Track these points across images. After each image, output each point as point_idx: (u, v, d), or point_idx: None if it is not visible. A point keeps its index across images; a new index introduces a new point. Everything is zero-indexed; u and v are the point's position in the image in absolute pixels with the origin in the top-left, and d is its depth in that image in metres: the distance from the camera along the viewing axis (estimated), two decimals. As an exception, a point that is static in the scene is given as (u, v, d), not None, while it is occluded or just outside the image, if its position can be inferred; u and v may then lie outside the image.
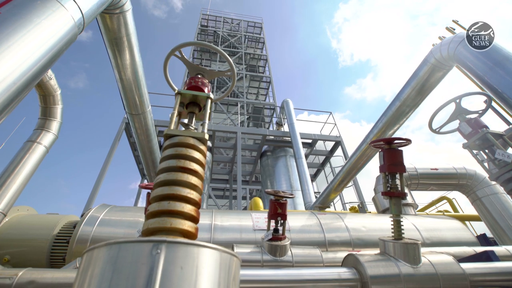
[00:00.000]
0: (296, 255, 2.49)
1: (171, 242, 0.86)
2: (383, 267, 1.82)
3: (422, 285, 1.80)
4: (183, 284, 0.83)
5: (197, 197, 1.23)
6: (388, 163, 2.12)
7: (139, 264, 0.80)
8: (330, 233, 3.32)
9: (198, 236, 3.19)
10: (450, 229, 3.68)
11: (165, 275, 0.80)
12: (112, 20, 3.08)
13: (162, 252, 0.83)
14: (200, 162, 1.33)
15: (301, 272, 1.78)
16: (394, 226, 2.08)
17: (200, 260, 0.92)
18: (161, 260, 0.81)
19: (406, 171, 4.51)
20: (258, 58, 18.86)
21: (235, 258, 1.10)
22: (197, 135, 1.37)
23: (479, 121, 2.22)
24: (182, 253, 0.86)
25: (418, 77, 4.03)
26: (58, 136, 3.15)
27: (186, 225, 1.10)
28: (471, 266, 2.06)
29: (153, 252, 0.83)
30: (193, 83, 1.69)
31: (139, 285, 0.77)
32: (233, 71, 1.88)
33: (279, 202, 2.50)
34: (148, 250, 0.83)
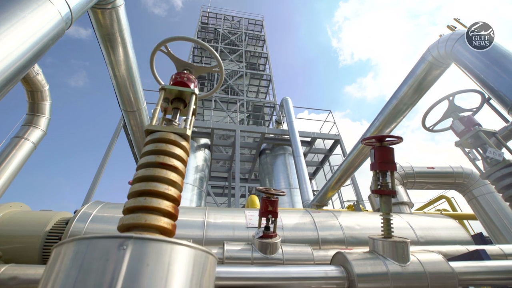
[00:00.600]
0: (287, 253, 2.48)
1: (139, 238, 0.84)
2: (371, 265, 1.81)
3: (410, 283, 1.78)
4: (150, 281, 0.81)
5: (176, 193, 1.21)
6: (379, 161, 2.10)
7: (103, 261, 0.79)
8: (324, 231, 3.30)
9: (190, 233, 3.17)
10: (444, 228, 3.66)
11: (130, 271, 0.79)
12: (104, 16, 3.05)
13: (128, 249, 0.82)
14: (181, 158, 1.31)
15: (287, 270, 1.76)
16: (384, 224, 2.06)
17: (171, 257, 0.90)
18: (127, 257, 0.80)
19: (403, 170, 4.49)
20: (259, 56, 18.79)
21: (211, 256, 1.09)
22: (178, 130, 1.35)
23: (472, 119, 2.19)
24: (150, 250, 0.85)
25: (416, 75, 3.99)
26: (46, 132, 3.13)
27: (162, 221, 1.09)
28: (461, 265, 2.04)
29: (119, 249, 0.81)
30: (179, 78, 1.67)
31: (102, 281, 0.76)
32: (220, 67, 1.86)
33: (270, 200, 2.48)
34: (114, 246, 0.82)
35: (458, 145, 2.16)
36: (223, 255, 2.38)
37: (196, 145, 9.24)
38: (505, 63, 2.85)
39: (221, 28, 18.21)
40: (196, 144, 9.25)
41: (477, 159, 2.07)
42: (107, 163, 7.56)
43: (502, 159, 1.85)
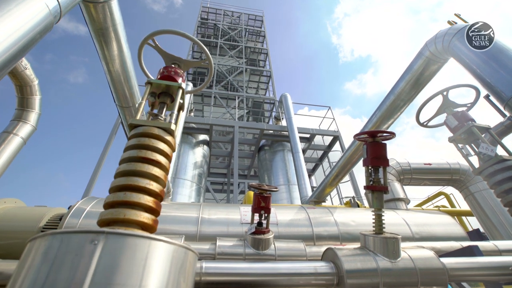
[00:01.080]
0: (279, 249, 2.47)
1: (111, 233, 0.83)
2: (361, 261, 1.79)
3: (399, 279, 1.77)
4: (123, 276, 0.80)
5: (158, 188, 1.20)
6: (371, 157, 2.07)
7: (73, 256, 0.78)
8: (319, 227, 3.30)
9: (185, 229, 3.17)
10: (440, 224, 3.65)
11: (101, 267, 0.77)
12: (96, 10, 3.01)
13: (99, 244, 0.80)
14: (164, 153, 1.29)
15: (276, 266, 1.75)
16: (375, 220, 2.04)
17: (147, 253, 0.89)
18: (97, 252, 0.79)
19: (400, 166, 4.46)
20: (259, 52, 18.68)
21: (191, 252, 1.07)
22: (162, 125, 1.33)
23: (465, 114, 2.16)
24: (123, 245, 0.83)
25: (413, 70, 3.95)
26: (37, 127, 3.12)
27: (142, 216, 1.08)
28: (452, 261, 2.03)
29: (90, 244, 0.80)
30: (166, 72, 1.65)
31: (71, 276, 0.75)
32: (209, 61, 1.83)
33: (262, 196, 2.47)
34: (86, 241, 0.81)
35: (451, 140, 2.14)
36: (215, 250, 2.37)
37: (194, 141, 9.23)
38: (502, 58, 2.81)
39: (221, 24, 18.09)
40: (194, 141, 9.23)
41: (470, 155, 2.05)
42: (105, 159, 7.57)
43: (495, 155, 1.82)
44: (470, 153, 2.04)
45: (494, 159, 1.81)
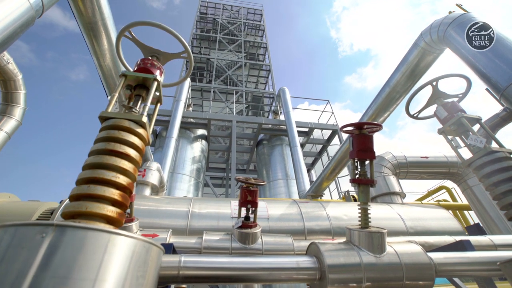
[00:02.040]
0: (267, 243, 2.45)
1: (61, 225, 0.80)
2: (344, 256, 1.76)
3: (384, 274, 1.74)
4: (73, 269, 0.78)
5: (126, 181, 1.17)
6: (357, 149, 2.03)
7: (19, 248, 0.75)
8: (310, 222, 3.27)
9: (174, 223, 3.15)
10: (436, 219, 3.61)
11: (47, 260, 0.75)
12: (84, 4, 2.97)
13: (47, 237, 0.78)
14: (134, 146, 1.26)
15: (256, 260, 1.73)
16: (361, 215, 2.01)
17: (102, 246, 0.86)
18: (44, 245, 0.76)
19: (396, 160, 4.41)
20: (258, 46, 18.51)
21: (155, 247, 1.05)
22: (133, 117, 1.30)
23: (455, 105, 2.09)
24: (73, 238, 0.81)
25: (408, 61, 3.88)
26: (22, 122, 3.10)
27: (105, 209, 1.05)
28: (440, 256, 1.99)
29: (38, 236, 0.78)
30: (142, 64, 1.61)
31: (16, 269, 0.72)
32: (188, 52, 1.79)
33: (249, 190, 2.44)
34: (34, 234, 0.78)
35: (440, 132, 2.08)
36: (201, 245, 2.36)
37: (192, 136, 9.21)
38: (498, 47, 2.73)
39: (219, 18, 17.91)
40: (192, 135, 9.22)
41: (460, 147, 1.99)
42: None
43: (484, 146, 1.77)
44: (460, 145, 1.98)
45: (483, 150, 1.76)
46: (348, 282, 1.68)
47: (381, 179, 4.17)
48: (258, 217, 3.26)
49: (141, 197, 3.42)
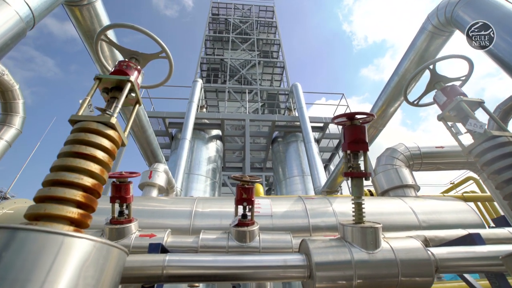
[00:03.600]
0: (264, 241, 2.41)
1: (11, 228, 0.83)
2: (334, 253, 1.69)
3: (377, 271, 1.65)
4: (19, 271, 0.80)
5: (90, 182, 1.18)
6: (349, 141, 1.93)
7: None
8: (315, 218, 3.17)
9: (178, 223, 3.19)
10: (452, 212, 3.37)
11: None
12: (82, 13, 3.09)
13: (-7, 239, 0.80)
14: (102, 147, 1.28)
15: (241, 258, 1.70)
16: (355, 209, 1.92)
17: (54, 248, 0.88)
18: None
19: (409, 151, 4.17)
20: (271, 43, 18.37)
21: (116, 249, 1.05)
22: (101, 119, 1.32)
23: (455, 89, 1.91)
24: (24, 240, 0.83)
25: (416, 47, 3.66)
26: (22, 131, 3.28)
27: (65, 211, 1.07)
28: (443, 251, 1.85)
29: (-22, 239, 0.80)
30: (118, 67, 1.63)
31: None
32: (166, 52, 1.79)
33: (244, 187, 2.41)
34: (-24, 236, 0.81)
35: (440, 119, 1.91)
36: (198, 244, 2.37)
37: (207, 136, 9.33)
38: (509, 23, 2.48)
39: (231, 18, 17.98)
40: (207, 136, 9.34)
41: (460, 133, 1.83)
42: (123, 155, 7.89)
43: (484, 131, 1.60)
44: (460, 131, 1.82)
45: (483, 136, 1.60)
46: (337, 280, 1.61)
47: (393, 172, 3.96)
48: (262, 215, 3.23)
49: (147, 198, 3.50)
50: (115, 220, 2.38)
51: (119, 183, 2.35)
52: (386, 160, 4.20)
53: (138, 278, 1.56)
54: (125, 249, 1.10)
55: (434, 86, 2.07)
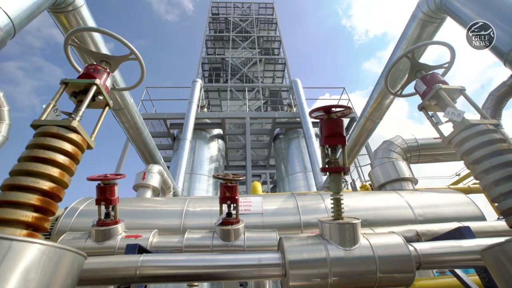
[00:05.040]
0: (249, 239, 2.39)
1: None
2: (309, 251, 1.66)
3: (353, 269, 1.61)
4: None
5: (48, 186, 1.18)
6: (326, 135, 1.89)
7: None
8: (307, 215, 3.14)
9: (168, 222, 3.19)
10: (450, 205, 3.28)
11: None
12: (68, 19, 3.11)
13: None
14: (62, 151, 1.28)
15: (216, 258, 1.69)
16: (334, 205, 1.87)
17: None
18: None
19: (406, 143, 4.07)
20: (272, 40, 18.24)
21: (71, 253, 1.05)
22: (61, 123, 1.32)
23: (435, 77, 1.83)
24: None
25: (408, 36, 3.56)
26: (8, 137, 3.34)
27: (19, 214, 1.07)
28: (427, 246, 1.80)
29: None
30: (85, 70, 1.63)
31: None
32: (135, 54, 1.78)
33: (227, 186, 2.39)
34: None
35: (420, 108, 1.84)
36: (182, 243, 2.37)
37: (208, 136, 9.36)
38: (497, 5, 2.38)
39: (231, 17, 17.93)
40: (208, 135, 9.36)
41: (441, 123, 1.75)
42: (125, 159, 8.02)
43: (462, 119, 1.53)
44: (441, 121, 1.75)
45: (462, 124, 1.53)
46: (311, 278, 1.58)
47: (390, 165, 3.87)
48: (253, 213, 3.21)
49: (139, 199, 3.53)
50: (101, 222, 2.40)
51: (104, 185, 2.37)
52: (383, 153, 4.12)
53: (111, 280, 1.57)
54: (82, 252, 1.10)
55: (416, 75, 2.00)
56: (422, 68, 1.98)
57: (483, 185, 1.47)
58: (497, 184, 1.39)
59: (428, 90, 1.80)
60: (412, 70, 2.03)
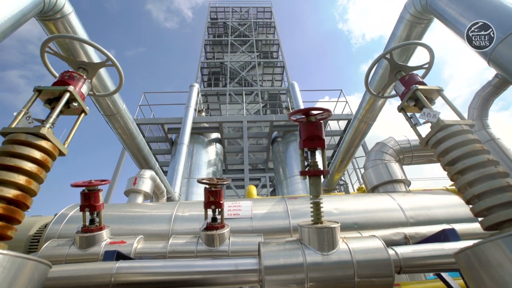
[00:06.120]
0: (234, 244, 2.38)
1: None
2: (285, 256, 1.64)
3: (331, 274, 1.58)
4: None
5: (13, 193, 1.18)
6: (305, 138, 1.87)
7: None
8: (297, 219, 3.11)
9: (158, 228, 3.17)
10: (443, 206, 3.24)
11: None
12: (56, 26, 3.13)
13: None
14: (30, 158, 1.28)
15: (192, 263, 1.67)
16: (313, 209, 1.85)
17: None
18: None
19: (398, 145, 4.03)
20: (271, 43, 18.31)
21: (32, 261, 1.05)
22: (30, 130, 1.32)
23: (412, 78, 1.81)
24: None
25: (396, 37, 3.55)
26: None
27: (-21, 223, 1.07)
28: (409, 250, 1.77)
29: None
30: (60, 78, 1.64)
31: None
32: (112, 60, 1.79)
33: (211, 190, 2.38)
34: None
35: (400, 110, 1.82)
36: (166, 249, 2.35)
37: (206, 140, 9.36)
38: (480, 5, 2.36)
39: (229, 21, 18.04)
40: (206, 140, 9.37)
41: (419, 124, 1.73)
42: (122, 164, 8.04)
43: (437, 120, 1.51)
44: (419, 122, 1.73)
45: (436, 125, 1.51)
46: (288, 284, 1.56)
47: (382, 167, 3.84)
48: (242, 217, 3.19)
49: (130, 205, 3.53)
50: (85, 228, 2.39)
51: (88, 191, 2.37)
52: (375, 155, 4.08)
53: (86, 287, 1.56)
54: (44, 261, 1.09)
55: (396, 76, 1.99)
56: (402, 69, 1.97)
57: (457, 186, 1.45)
58: (471, 185, 1.37)
59: (406, 91, 1.78)
60: (392, 72, 2.01)
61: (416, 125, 1.73)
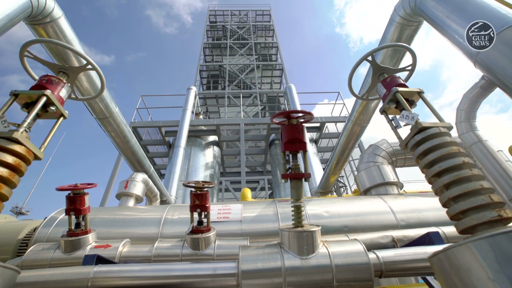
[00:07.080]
0: (220, 247, 2.36)
1: None
2: (264, 260, 1.62)
3: (309, 278, 1.56)
4: None
5: (-19, 198, 1.18)
6: (286, 140, 1.87)
7: None
8: (286, 222, 3.09)
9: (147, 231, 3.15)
10: (434, 209, 3.22)
11: None
12: (46, 31, 3.15)
13: None
14: (1, 162, 1.28)
15: (170, 267, 1.66)
16: (294, 213, 1.84)
17: None
18: None
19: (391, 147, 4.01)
20: (269, 46, 18.37)
21: None
22: (2, 134, 1.32)
23: (394, 80, 1.81)
24: None
25: (387, 40, 3.54)
26: None
27: None
28: (390, 254, 1.75)
29: None
30: (38, 81, 1.64)
31: None
32: (92, 64, 1.79)
33: (196, 194, 2.37)
34: None
35: (381, 112, 1.82)
36: (151, 252, 2.34)
37: (204, 143, 9.37)
38: (465, 6, 2.36)
39: (228, 24, 18.13)
40: (204, 142, 9.37)
41: (400, 126, 1.72)
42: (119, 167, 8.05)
43: (415, 123, 1.50)
44: (400, 124, 1.71)
45: (414, 128, 1.49)
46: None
47: (375, 169, 3.82)
48: (231, 220, 3.18)
49: (120, 208, 3.52)
50: (71, 232, 2.38)
51: (74, 195, 2.36)
52: (368, 157, 4.06)
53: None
54: (11, 266, 1.09)
55: (378, 78, 1.98)
56: (385, 71, 1.96)
57: (434, 189, 1.43)
58: (447, 188, 1.35)
59: (387, 93, 1.77)
60: (375, 74, 2.00)
61: (397, 127, 1.72)
